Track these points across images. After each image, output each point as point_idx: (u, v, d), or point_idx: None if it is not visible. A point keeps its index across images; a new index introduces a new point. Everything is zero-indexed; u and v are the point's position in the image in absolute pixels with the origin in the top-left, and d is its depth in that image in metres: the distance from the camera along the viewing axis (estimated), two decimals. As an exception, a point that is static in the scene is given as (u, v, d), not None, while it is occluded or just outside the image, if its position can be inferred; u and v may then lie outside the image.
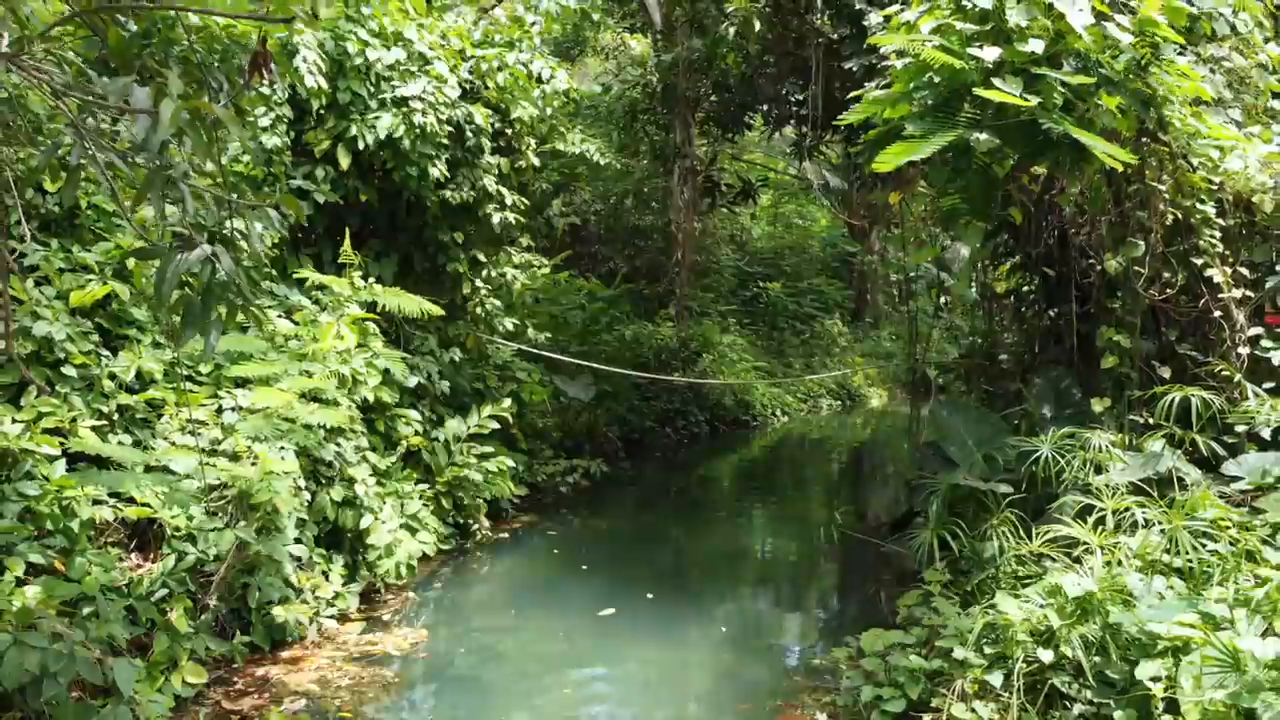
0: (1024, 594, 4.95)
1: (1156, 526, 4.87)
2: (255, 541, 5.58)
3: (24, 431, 5.34)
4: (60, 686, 3.83)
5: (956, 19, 4.45)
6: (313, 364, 6.83)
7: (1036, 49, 4.17)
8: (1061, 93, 4.25)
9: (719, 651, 6.32)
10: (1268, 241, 6.55)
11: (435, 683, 5.82)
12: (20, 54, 2.77)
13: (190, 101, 2.53)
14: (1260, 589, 4.05)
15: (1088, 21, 4.30)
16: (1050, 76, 4.24)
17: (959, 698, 4.76)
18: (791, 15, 7.52)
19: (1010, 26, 4.38)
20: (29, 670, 3.75)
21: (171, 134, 2.82)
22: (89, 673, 3.95)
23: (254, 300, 3.55)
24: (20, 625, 3.93)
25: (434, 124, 7.37)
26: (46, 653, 3.80)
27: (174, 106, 2.43)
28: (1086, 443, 5.76)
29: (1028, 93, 4.14)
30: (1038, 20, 4.27)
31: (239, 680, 5.56)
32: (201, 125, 2.67)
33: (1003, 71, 4.25)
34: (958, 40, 4.39)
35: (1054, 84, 4.20)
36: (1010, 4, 4.31)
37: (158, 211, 3.03)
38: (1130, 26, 4.59)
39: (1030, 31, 4.25)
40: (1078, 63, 4.44)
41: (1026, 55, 4.30)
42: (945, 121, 4.29)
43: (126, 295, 6.41)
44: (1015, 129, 4.33)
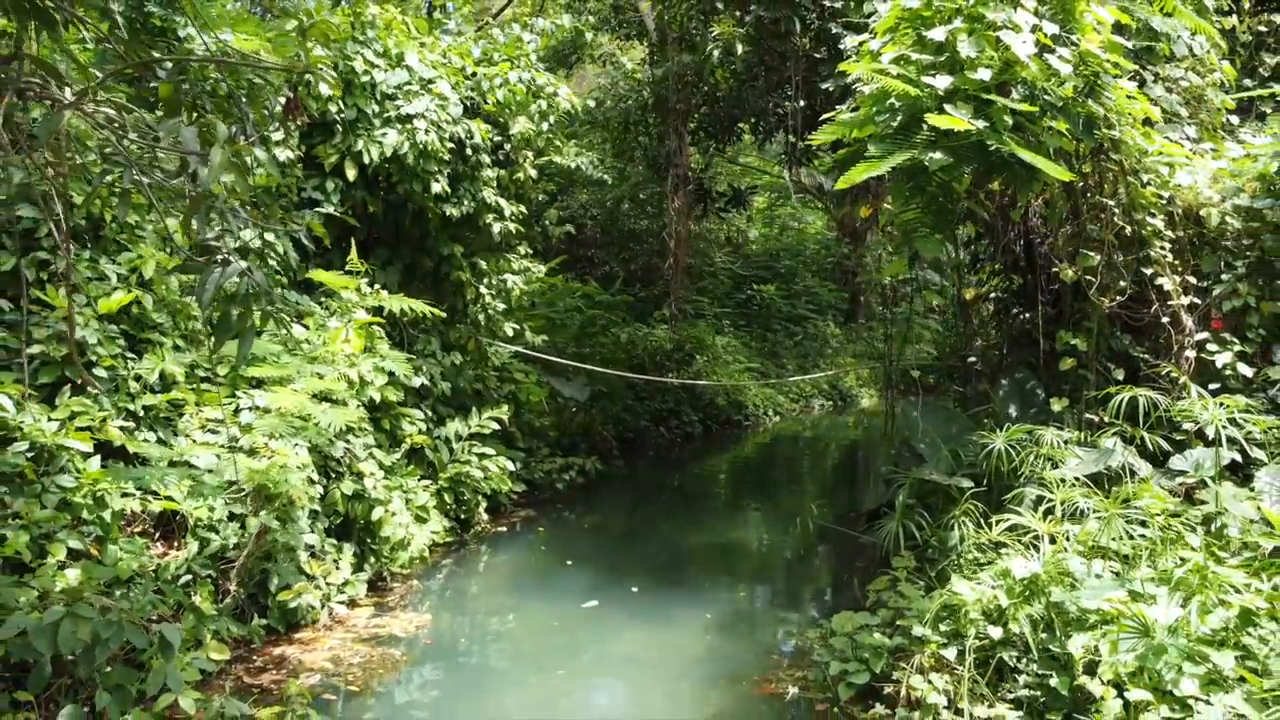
0: (978, 577, 5.41)
1: (1096, 515, 5.33)
2: (276, 529, 6.03)
3: (60, 429, 5.79)
4: (110, 652, 4.28)
5: (914, 50, 4.89)
6: (323, 366, 7.28)
7: (984, 77, 4.61)
8: (1012, 116, 4.68)
9: (704, 636, 6.77)
10: (1216, 252, 7.00)
11: (439, 662, 6.27)
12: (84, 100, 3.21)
13: (235, 145, 2.98)
14: (1181, 568, 4.50)
15: (1031, 52, 4.74)
16: (998, 103, 4.68)
17: (917, 671, 5.22)
18: (773, 38, 7.98)
19: (962, 57, 4.82)
20: (81, 639, 4.20)
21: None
22: (137, 638, 4.41)
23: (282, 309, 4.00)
24: (71, 599, 4.38)
25: (436, 141, 7.82)
26: (97, 622, 4.26)
27: (223, 153, 2.88)
28: (1040, 439, 6.20)
29: (979, 117, 4.59)
30: (986, 51, 4.71)
31: (258, 659, 6.02)
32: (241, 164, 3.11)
33: (955, 98, 4.70)
34: (915, 69, 4.84)
35: (1003, 109, 4.64)
36: (961, 37, 4.76)
37: (201, 231, 3.48)
38: (1071, 58, 5.03)
39: (979, 61, 4.69)
40: (1025, 89, 4.89)
41: (976, 83, 4.75)
42: (904, 143, 4.73)
43: (150, 303, 6.86)
44: (968, 149, 4.78)
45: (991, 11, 4.79)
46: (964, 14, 4.87)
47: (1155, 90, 7.96)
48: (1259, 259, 6.81)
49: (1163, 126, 7.94)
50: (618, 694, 5.89)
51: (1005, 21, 4.79)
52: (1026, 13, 4.87)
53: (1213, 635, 3.90)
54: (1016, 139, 4.94)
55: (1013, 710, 4.86)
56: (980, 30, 4.75)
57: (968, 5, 4.86)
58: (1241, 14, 8.81)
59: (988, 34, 4.88)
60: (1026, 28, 4.78)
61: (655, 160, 15.27)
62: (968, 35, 4.82)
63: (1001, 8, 4.83)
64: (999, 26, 4.79)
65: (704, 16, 9.65)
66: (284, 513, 6.18)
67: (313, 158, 8.04)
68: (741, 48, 8.14)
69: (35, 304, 6.35)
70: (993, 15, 4.79)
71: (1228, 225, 6.88)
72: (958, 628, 5.26)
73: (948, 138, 4.82)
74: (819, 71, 7.61)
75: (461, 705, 5.66)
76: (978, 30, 4.75)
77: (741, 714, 5.45)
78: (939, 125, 4.45)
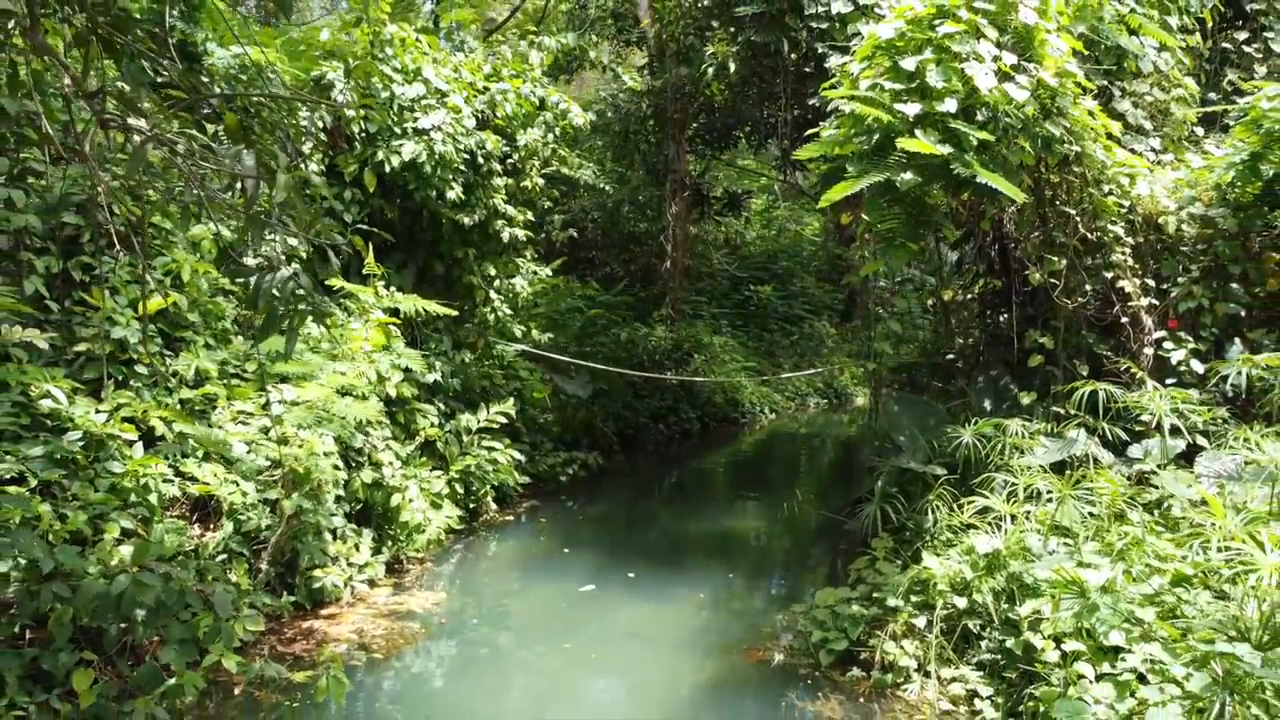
0: (946, 553, 5.95)
1: (1050, 497, 5.86)
2: (309, 510, 6.57)
3: (107, 420, 6.32)
4: (171, 614, 4.81)
5: (888, 77, 5.41)
6: (344, 363, 7.81)
7: (950, 108, 5.13)
8: (977, 137, 5.20)
9: (699, 612, 7.31)
10: (1174, 257, 7.54)
11: (455, 635, 6.81)
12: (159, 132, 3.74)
13: (295, 171, 3.50)
14: (1121, 540, 5.04)
15: (992, 83, 5.27)
16: (961, 129, 5.21)
17: (890, 638, 5.76)
18: (764, 56, 8.52)
19: (930, 86, 5.34)
20: (145, 603, 4.73)
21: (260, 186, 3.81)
22: (195, 602, 4.94)
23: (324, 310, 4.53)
24: (135, 569, 4.92)
25: (452, 152, 8.35)
26: (161, 589, 4.79)
27: (285, 177, 3.40)
28: (1008, 430, 6.74)
29: (946, 141, 5.11)
30: (952, 81, 5.23)
31: (288, 631, 6.56)
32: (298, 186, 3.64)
33: (925, 123, 5.22)
34: (888, 96, 5.36)
35: (967, 133, 5.16)
36: (931, 67, 5.28)
37: (256, 240, 4.01)
38: (1028, 85, 5.55)
39: (946, 90, 5.21)
40: (988, 113, 5.41)
41: (943, 111, 5.27)
42: (879, 162, 5.25)
43: (184, 303, 7.39)
44: (936, 169, 5.30)
45: (957, 44, 5.32)
46: (933, 44, 5.41)
47: (1123, 105, 8.51)
48: (1213, 263, 7.34)
49: (1129, 139, 8.49)
50: (620, 663, 6.42)
51: (970, 52, 5.31)
52: (989, 44, 5.40)
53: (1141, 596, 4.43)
54: (980, 159, 5.47)
55: (975, 671, 5.41)
56: (947, 60, 5.29)
57: (936, 37, 5.39)
58: (1206, 32, 9.33)
59: (954, 65, 5.41)
60: (989, 58, 5.31)
61: (654, 165, 15.82)
62: (936, 65, 5.35)
63: (967, 40, 5.36)
64: (964, 58, 5.32)
65: (700, 32, 10.19)
66: (313, 495, 6.71)
67: (333, 167, 8.58)
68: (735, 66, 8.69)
69: (79, 305, 6.88)
70: (958, 47, 5.32)
71: (1184, 232, 7.42)
72: (927, 599, 5.80)
73: (917, 159, 5.34)
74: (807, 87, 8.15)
75: (477, 672, 6.20)
76: (945, 60, 5.28)
77: (732, 678, 5.99)
78: (908, 150, 4.97)
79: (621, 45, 18.90)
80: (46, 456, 5.76)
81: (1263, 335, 7.27)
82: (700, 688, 5.88)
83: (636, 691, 5.92)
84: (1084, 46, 8.35)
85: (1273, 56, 9.36)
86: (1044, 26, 5.61)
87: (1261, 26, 9.46)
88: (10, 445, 5.68)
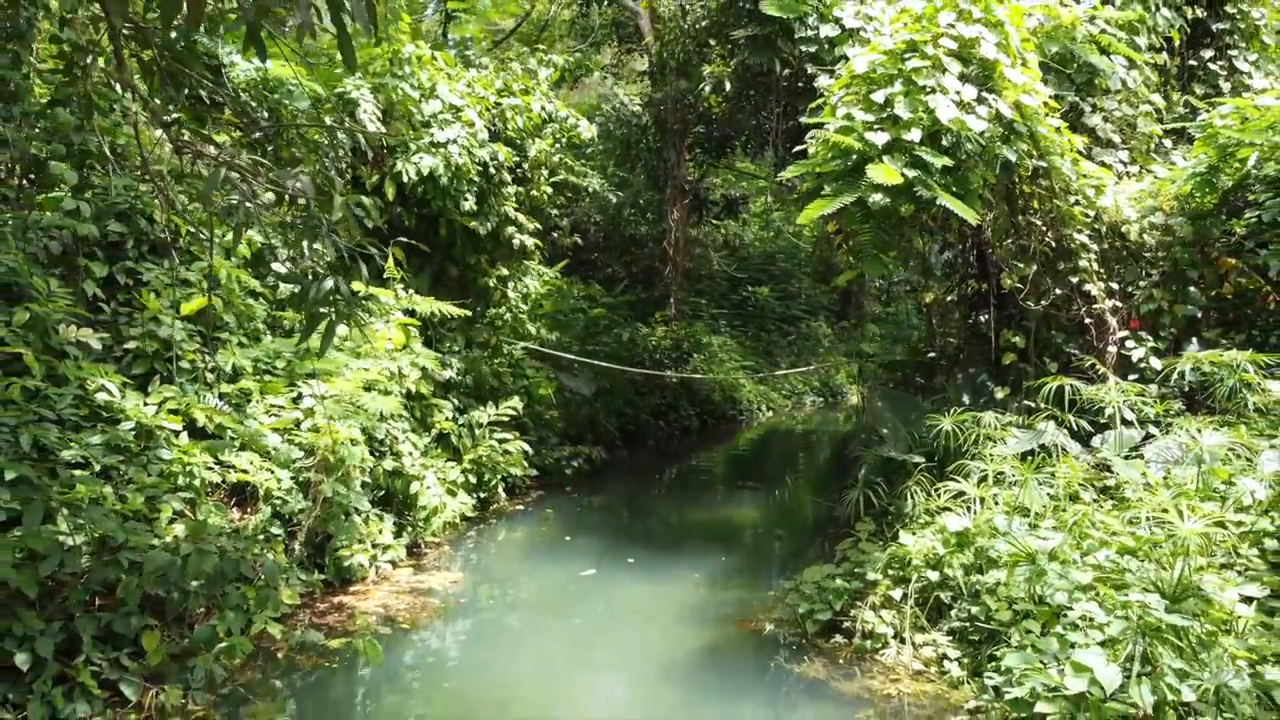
0: (922, 532, 6.55)
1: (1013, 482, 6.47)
2: (341, 494, 7.17)
3: (155, 412, 6.91)
4: (228, 581, 5.41)
5: (862, 108, 6.00)
6: (368, 360, 8.41)
7: (914, 138, 5.72)
8: (939, 163, 5.78)
9: (696, 590, 7.91)
10: (1137, 262, 8.14)
11: (473, 610, 7.40)
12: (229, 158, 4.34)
13: (349, 195, 4.10)
14: (1072, 517, 5.64)
15: (953, 114, 5.85)
16: (924, 156, 5.79)
17: (870, 608, 6.36)
18: (758, 75, 9.12)
19: (898, 116, 5.93)
20: (205, 570, 5.33)
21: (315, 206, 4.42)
22: (249, 571, 5.54)
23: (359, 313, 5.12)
24: (195, 540, 5.51)
25: (467, 163, 8.95)
26: (218, 559, 5.38)
27: (340, 199, 4.00)
28: (981, 421, 7.34)
29: (912, 166, 5.69)
30: (918, 112, 5.83)
31: (320, 605, 7.15)
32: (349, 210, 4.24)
33: (893, 149, 5.81)
34: (862, 125, 5.95)
35: (929, 161, 5.74)
36: (899, 99, 5.86)
37: (310, 253, 4.61)
38: (987, 116, 6.14)
39: (913, 121, 5.80)
40: (952, 138, 5.99)
41: (909, 141, 5.86)
42: (852, 184, 5.83)
43: (220, 304, 7.98)
44: (902, 191, 5.89)
45: (923, 78, 5.91)
46: (903, 76, 6.00)
47: (1094, 119, 9.13)
48: (1171, 268, 7.94)
49: (1099, 151, 9.11)
50: (624, 633, 7.01)
51: (935, 85, 5.90)
52: (953, 77, 5.99)
53: (1084, 562, 5.03)
54: (943, 181, 6.07)
55: (945, 637, 6.00)
56: (915, 92, 5.87)
57: (905, 70, 5.98)
58: (1173, 50, 9.94)
59: (919, 97, 6.01)
60: (953, 90, 5.90)
61: (654, 171, 16.42)
62: (904, 97, 5.94)
63: (932, 74, 5.94)
64: (929, 91, 5.90)
65: (699, 49, 10.78)
66: (344, 481, 7.31)
67: (356, 178, 9.17)
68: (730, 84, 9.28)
69: (125, 306, 7.48)
70: (924, 81, 5.90)
71: (1145, 239, 8.03)
72: (904, 573, 6.39)
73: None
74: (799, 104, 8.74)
75: (495, 642, 6.80)
76: (912, 92, 5.87)
77: (726, 645, 6.59)
78: (876, 177, 5.56)
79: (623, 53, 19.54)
80: (105, 444, 6.36)
81: (1219, 335, 7.88)
82: (697, 653, 6.48)
83: (640, 656, 6.51)
84: (1059, 64, 9.00)
85: (1237, 74, 9.96)
86: (1003, 61, 6.20)
87: (1226, 45, 10.05)
88: (73, 434, 6.27)
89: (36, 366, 6.31)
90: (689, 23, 11.24)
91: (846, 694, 5.64)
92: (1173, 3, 9.78)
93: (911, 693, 5.61)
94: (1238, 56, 9.96)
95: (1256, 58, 10.00)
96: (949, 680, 5.65)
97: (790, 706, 5.69)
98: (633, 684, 6.09)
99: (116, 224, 7.52)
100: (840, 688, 5.74)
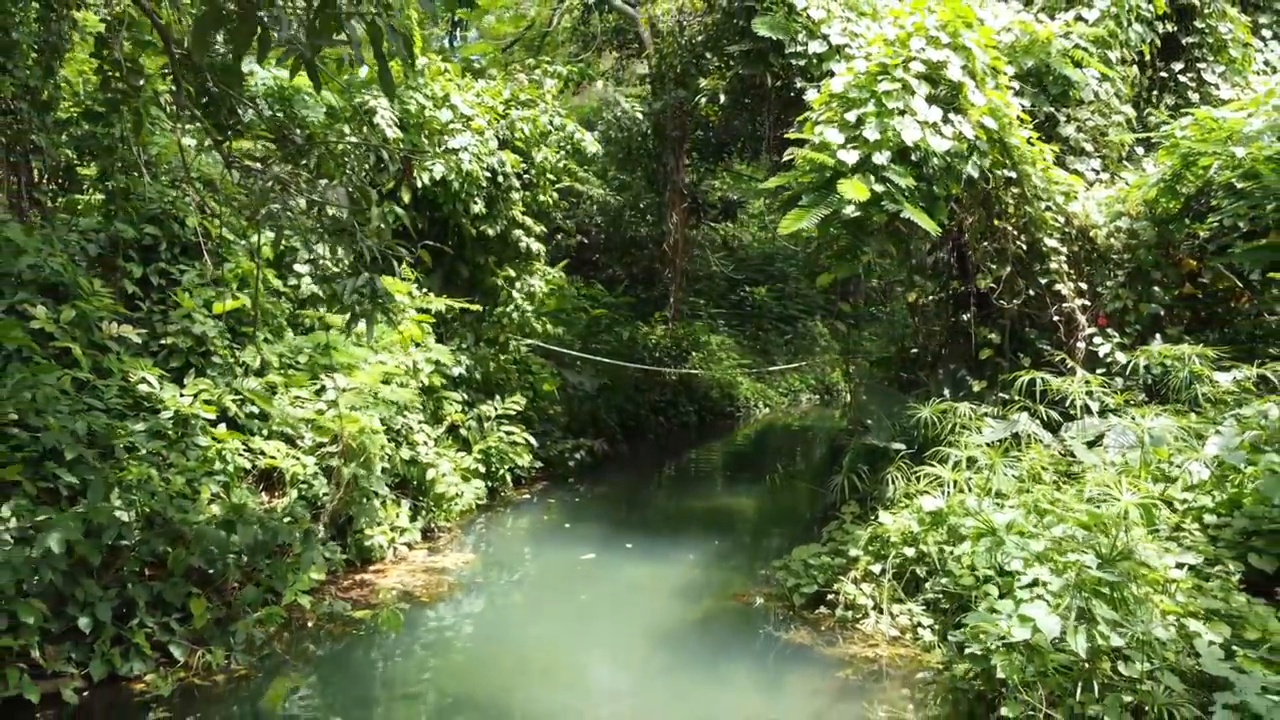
0: (900, 513, 7.10)
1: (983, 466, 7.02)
2: (363, 477, 7.72)
3: (191, 402, 7.46)
4: (269, 550, 5.96)
5: (835, 127, 6.56)
6: (385, 355, 8.97)
7: (883, 159, 6.28)
8: (903, 181, 6.33)
9: (692, 569, 8.47)
10: (1105, 264, 8.69)
11: (485, 587, 7.96)
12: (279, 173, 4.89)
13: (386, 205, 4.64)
14: (1033, 497, 6.20)
15: (917, 135, 6.41)
16: (891, 174, 6.35)
17: (852, 582, 6.92)
18: (751, 86, 9.68)
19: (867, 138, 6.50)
20: (247, 540, 5.89)
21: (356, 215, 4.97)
22: (288, 538, 6.10)
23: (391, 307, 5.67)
24: (238, 513, 6.07)
25: (477, 170, 9.51)
26: (260, 528, 5.94)
27: (378, 210, 4.53)
28: (957, 411, 7.89)
29: (880, 182, 6.25)
30: (887, 133, 6.38)
31: (343, 582, 7.70)
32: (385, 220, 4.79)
33: (863, 167, 6.36)
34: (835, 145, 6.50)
35: (894, 179, 6.30)
36: (870, 120, 6.43)
37: (349, 255, 5.16)
38: (951, 135, 6.69)
39: (881, 143, 6.36)
40: (919, 154, 6.54)
41: (877, 162, 6.43)
42: (826, 196, 6.38)
43: (248, 304, 8.54)
44: (871, 205, 6.44)
45: (892, 101, 6.47)
46: (875, 98, 6.55)
47: (1068, 129, 9.69)
48: (1136, 269, 8.49)
49: (1073, 159, 9.66)
50: (626, 606, 7.58)
51: (904, 107, 6.45)
52: (921, 99, 6.55)
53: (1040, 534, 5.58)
54: (910, 195, 6.63)
55: (920, 607, 6.56)
56: (884, 114, 6.43)
57: (878, 92, 6.53)
58: (1144, 64, 10.49)
59: (888, 119, 6.57)
60: (920, 112, 6.47)
61: (654, 175, 16.99)
62: (875, 118, 6.51)
63: (902, 96, 6.50)
64: (899, 113, 6.46)
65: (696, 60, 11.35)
66: (366, 466, 7.87)
67: (371, 183, 9.73)
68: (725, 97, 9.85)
69: (160, 304, 8.03)
70: (893, 104, 6.46)
71: (1112, 242, 8.58)
72: (883, 550, 6.95)
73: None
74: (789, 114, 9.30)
75: (507, 614, 7.35)
76: (883, 114, 6.42)
77: (720, 616, 7.15)
78: (846, 193, 6.12)
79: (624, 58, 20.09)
80: (147, 431, 6.90)
81: (1180, 332, 8.43)
82: (693, 623, 7.03)
83: (639, 626, 7.05)
84: (1035, 76, 9.56)
85: (1205, 85, 10.50)
86: (967, 84, 6.75)
87: (1195, 58, 10.60)
88: (118, 421, 6.82)
89: (84, 360, 6.87)
90: (686, 37, 11.82)
91: (829, 657, 6.20)
92: (1144, 18, 10.32)
93: (888, 656, 6.17)
94: (1206, 69, 10.51)
95: (1224, 70, 10.54)
96: (922, 645, 6.21)
97: (777, 668, 6.24)
98: (632, 649, 6.64)
99: (151, 227, 8.08)
100: (824, 652, 6.29)
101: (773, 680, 6.08)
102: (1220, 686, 4.15)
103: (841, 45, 8.42)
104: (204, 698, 5.51)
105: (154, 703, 5.35)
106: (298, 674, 5.96)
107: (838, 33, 8.46)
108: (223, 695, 5.57)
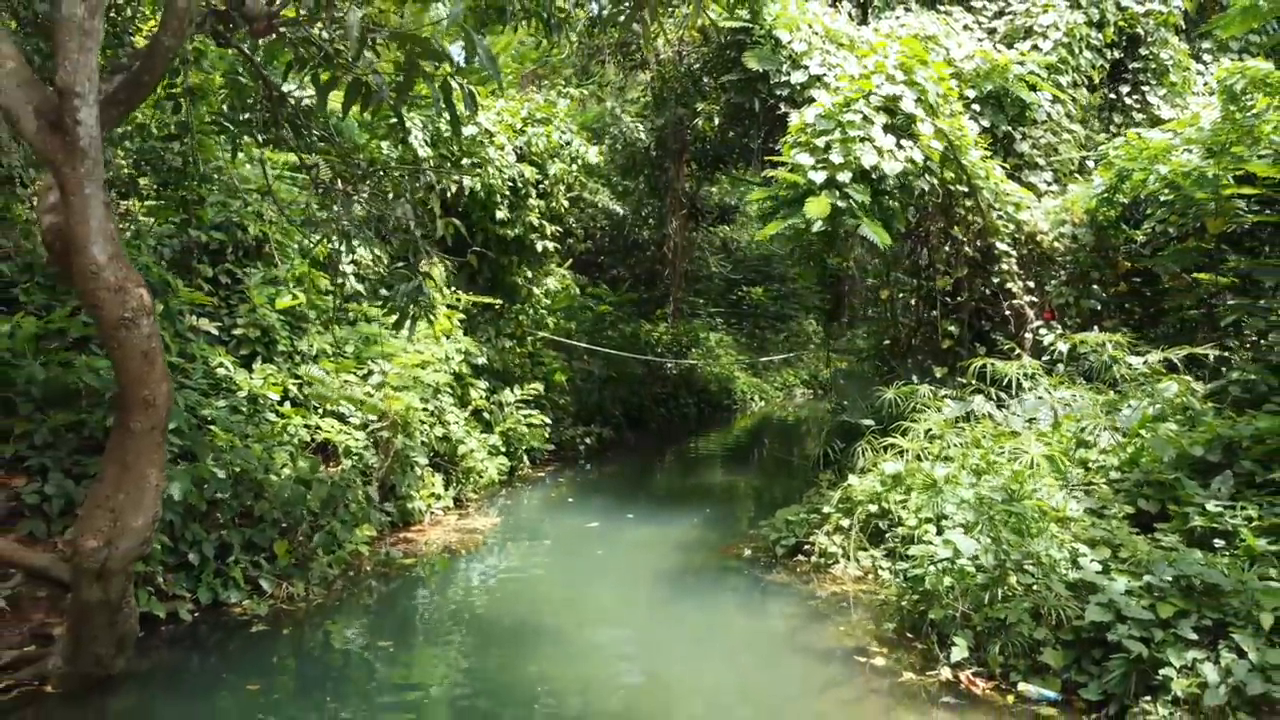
0: (865, 476, 8.35)
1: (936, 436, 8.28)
2: (410, 447, 8.98)
3: (261, 384, 8.72)
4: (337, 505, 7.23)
5: (806, 152, 7.82)
6: (421, 344, 10.23)
7: (845, 179, 7.55)
8: (861, 198, 7.60)
9: (689, 531, 9.72)
10: (1052, 265, 9.94)
11: (512, 542, 9.21)
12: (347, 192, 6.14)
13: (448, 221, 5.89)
14: (970, 459, 7.46)
15: (874, 160, 7.67)
16: (851, 193, 7.62)
17: (825, 535, 8.17)
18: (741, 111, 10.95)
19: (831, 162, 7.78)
20: (319, 496, 7.14)
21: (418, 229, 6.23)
22: (354, 496, 7.36)
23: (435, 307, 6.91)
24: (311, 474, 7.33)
25: (499, 182, 10.77)
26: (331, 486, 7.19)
27: (442, 222, 5.78)
28: (918, 393, 9.14)
29: (843, 199, 7.51)
30: (849, 158, 7.65)
31: (390, 539, 8.96)
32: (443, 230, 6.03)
33: (829, 186, 7.62)
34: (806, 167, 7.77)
35: (853, 197, 7.57)
36: (836, 146, 7.70)
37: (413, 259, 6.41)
38: (903, 159, 7.96)
39: (844, 165, 7.62)
40: (877, 174, 7.80)
41: (840, 181, 7.70)
42: (798, 209, 7.65)
43: (304, 300, 9.79)
44: (835, 218, 7.71)
45: (855, 130, 7.74)
46: (840, 127, 7.82)
47: (1023, 145, 10.96)
48: (1078, 270, 9.75)
49: (1028, 173, 10.93)
50: (634, 556, 8.84)
51: (864, 135, 7.73)
52: (879, 128, 7.82)
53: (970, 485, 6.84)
54: (867, 210, 7.90)
55: (881, 554, 7.80)
56: (848, 141, 7.70)
57: (843, 122, 7.80)
58: (1094, 87, 11.76)
59: (851, 145, 7.85)
60: (878, 139, 7.74)
61: (656, 182, 18.27)
62: (840, 144, 7.79)
63: (863, 125, 7.77)
64: (860, 140, 7.73)
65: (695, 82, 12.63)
66: (410, 438, 9.13)
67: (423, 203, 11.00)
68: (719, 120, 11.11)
69: (227, 300, 9.29)
70: (855, 132, 7.73)
71: (1057, 246, 9.84)
72: (851, 508, 8.19)
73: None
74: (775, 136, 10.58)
75: (534, 562, 8.61)
76: (846, 141, 7.70)
77: (713, 566, 8.40)
78: (810, 210, 7.41)
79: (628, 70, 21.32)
80: (228, 407, 8.16)
81: (1116, 324, 9.68)
82: (690, 569, 8.29)
83: (647, 572, 8.30)
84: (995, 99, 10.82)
85: (1149, 106, 11.76)
86: (918, 115, 8.03)
87: (1140, 82, 11.86)
88: (204, 398, 8.07)
89: (174, 345, 8.13)
90: (685, 65, 13.12)
91: (805, 592, 7.45)
92: (1094, 46, 11.59)
93: (853, 591, 7.42)
94: (1150, 92, 11.77)
95: (1165, 92, 11.80)
96: (880, 583, 7.46)
97: (762, 600, 7.49)
98: (638, 587, 7.89)
99: (218, 233, 9.34)
100: (800, 589, 7.55)
101: (758, 608, 7.34)
102: (1096, 591, 5.40)
103: (820, 75, 9.68)
104: (290, 620, 6.76)
105: (254, 620, 6.61)
106: (363, 603, 7.23)
107: (817, 64, 9.71)
108: (304, 618, 6.83)
